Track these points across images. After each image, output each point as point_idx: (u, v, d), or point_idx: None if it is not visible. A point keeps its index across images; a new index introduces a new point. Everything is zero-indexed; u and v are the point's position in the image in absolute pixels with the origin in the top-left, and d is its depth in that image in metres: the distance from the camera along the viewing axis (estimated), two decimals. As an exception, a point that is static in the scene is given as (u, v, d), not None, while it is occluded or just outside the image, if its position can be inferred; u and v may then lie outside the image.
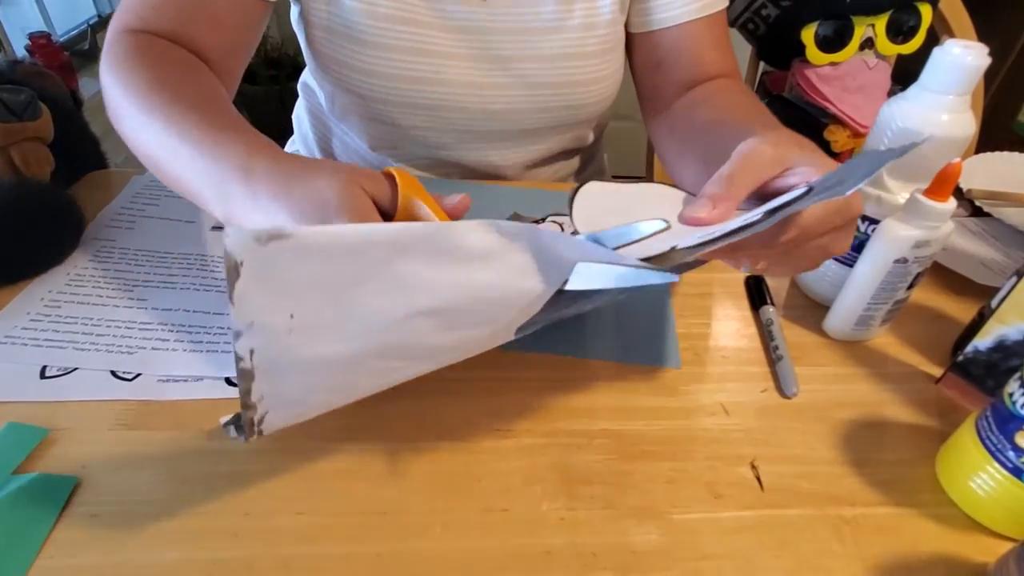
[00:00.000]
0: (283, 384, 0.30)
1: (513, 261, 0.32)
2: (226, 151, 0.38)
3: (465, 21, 0.58)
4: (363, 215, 0.33)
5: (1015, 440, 0.35)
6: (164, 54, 0.48)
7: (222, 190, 0.37)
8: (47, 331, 0.44)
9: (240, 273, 0.26)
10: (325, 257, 0.27)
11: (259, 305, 0.27)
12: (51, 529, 0.34)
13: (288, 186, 0.35)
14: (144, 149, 0.44)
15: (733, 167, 0.36)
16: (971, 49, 0.41)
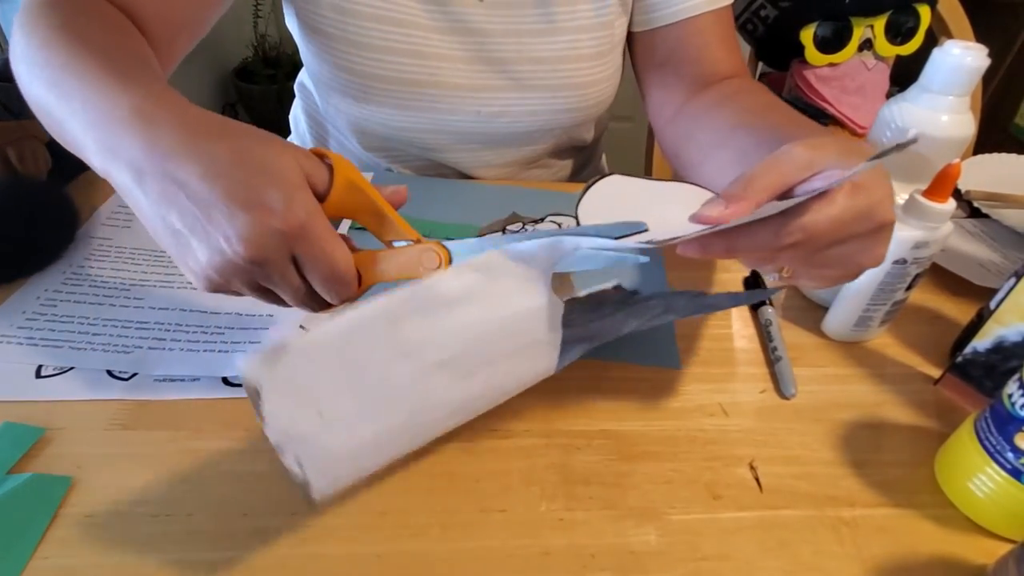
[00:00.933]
0: (336, 475, 0.31)
1: (496, 290, 0.32)
2: (124, 91, 0.32)
3: (460, 23, 0.57)
4: (296, 184, 0.30)
5: (1014, 441, 0.35)
6: (86, 4, 0.42)
7: (110, 134, 0.31)
8: (43, 330, 0.44)
9: (262, 395, 0.27)
10: (329, 352, 0.28)
11: (288, 416, 0.28)
12: (46, 529, 0.34)
13: (202, 141, 0.30)
14: (35, 92, 0.37)
15: (759, 168, 0.33)
16: (971, 50, 0.41)
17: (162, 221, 0.30)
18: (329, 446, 0.30)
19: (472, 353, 0.33)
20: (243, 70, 1.85)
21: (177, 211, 0.29)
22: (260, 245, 0.29)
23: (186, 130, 0.30)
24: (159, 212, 0.30)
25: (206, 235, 0.29)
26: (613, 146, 0.88)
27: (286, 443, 0.28)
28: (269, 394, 0.27)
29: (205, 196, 0.29)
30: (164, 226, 0.30)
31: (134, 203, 0.31)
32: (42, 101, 0.37)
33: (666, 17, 0.59)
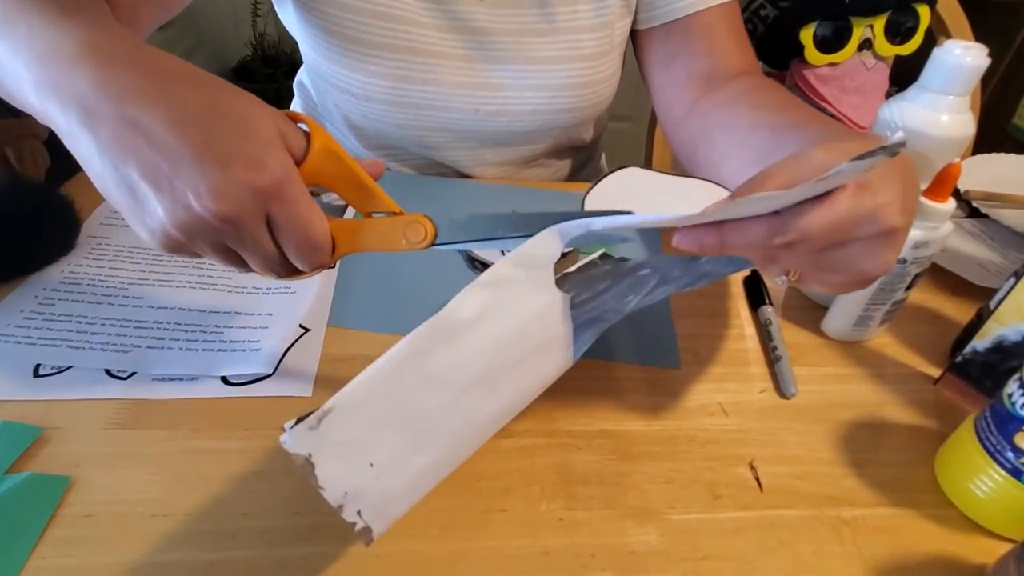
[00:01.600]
0: (393, 514, 0.31)
1: (507, 300, 0.32)
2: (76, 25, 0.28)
3: (460, 21, 0.57)
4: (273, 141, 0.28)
5: (1014, 441, 0.35)
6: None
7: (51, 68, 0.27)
8: (41, 329, 0.44)
9: (314, 463, 0.27)
10: (368, 403, 0.29)
11: (343, 477, 0.28)
12: (44, 529, 0.33)
13: (168, 84, 0.27)
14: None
15: (773, 167, 0.31)
16: (971, 50, 0.41)
17: (114, 171, 0.27)
18: (385, 490, 0.30)
19: (497, 366, 0.33)
20: (242, 68, 1.85)
21: (136, 161, 0.26)
22: (234, 202, 0.26)
23: (150, 71, 0.27)
24: (111, 160, 0.27)
25: (171, 188, 0.26)
26: (612, 146, 0.88)
27: (346, 502, 0.29)
28: (320, 460, 0.27)
29: (172, 145, 0.26)
30: (116, 177, 0.27)
31: (77, 148, 0.28)
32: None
33: (672, 12, 0.58)
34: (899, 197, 0.30)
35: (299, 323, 0.46)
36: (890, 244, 0.31)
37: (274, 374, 0.43)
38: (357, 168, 0.32)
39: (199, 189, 0.26)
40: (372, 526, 0.30)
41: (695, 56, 0.58)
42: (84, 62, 0.27)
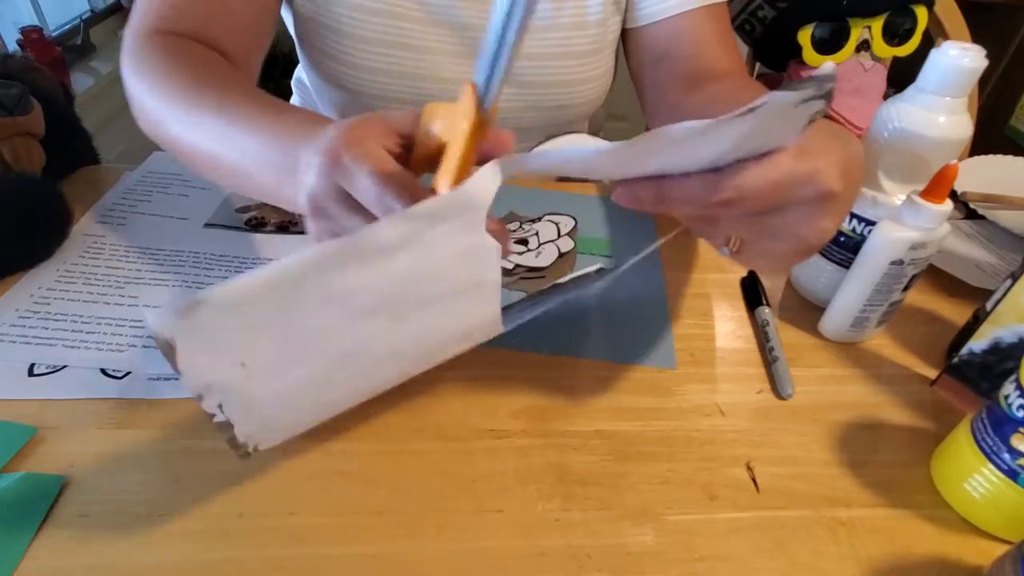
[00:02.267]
0: (263, 419, 0.30)
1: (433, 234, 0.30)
2: (291, 126, 0.36)
3: (453, 17, 0.57)
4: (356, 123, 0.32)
5: (1010, 442, 0.35)
6: (195, 53, 0.48)
7: (287, 165, 0.34)
8: (36, 328, 0.44)
9: (176, 347, 0.27)
10: (249, 305, 0.28)
11: (206, 367, 0.28)
12: (38, 530, 0.33)
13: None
14: (195, 147, 0.42)
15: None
16: (968, 51, 0.41)
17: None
18: (254, 391, 0.29)
19: (407, 297, 0.31)
20: (239, 68, 1.84)
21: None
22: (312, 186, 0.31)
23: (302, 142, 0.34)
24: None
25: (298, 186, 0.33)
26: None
27: (205, 393, 0.28)
28: (184, 348, 0.27)
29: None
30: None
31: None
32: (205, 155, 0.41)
33: (660, 13, 0.58)
34: (839, 163, 0.30)
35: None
36: (828, 210, 0.30)
37: (270, 374, 0.43)
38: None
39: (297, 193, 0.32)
40: (236, 423, 0.30)
41: (681, 58, 0.59)
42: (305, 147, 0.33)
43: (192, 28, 0.49)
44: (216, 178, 0.43)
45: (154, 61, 0.46)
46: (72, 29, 1.59)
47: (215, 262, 0.51)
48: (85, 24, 1.59)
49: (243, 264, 0.51)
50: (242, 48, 0.52)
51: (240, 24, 0.52)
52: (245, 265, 0.51)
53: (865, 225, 0.47)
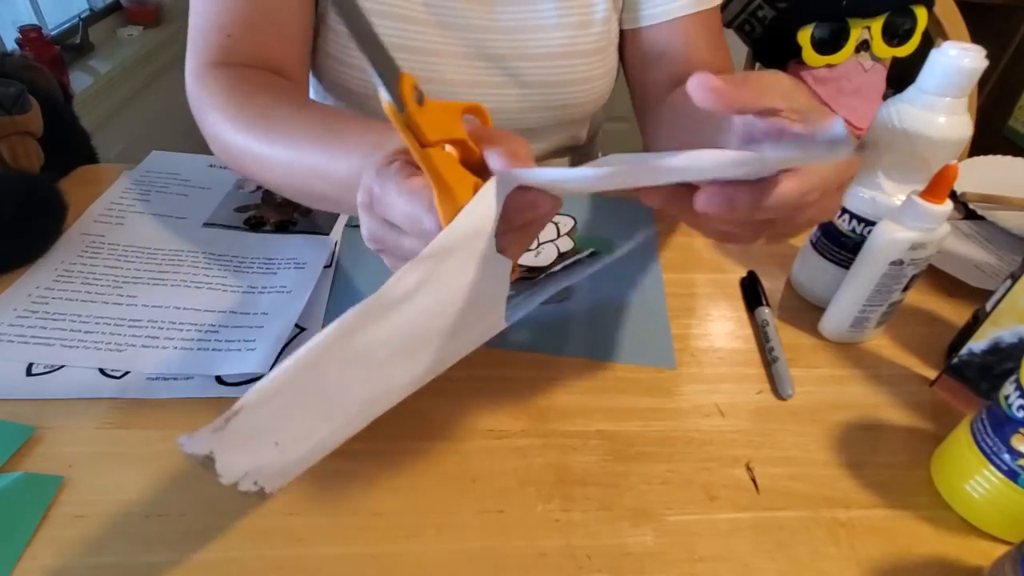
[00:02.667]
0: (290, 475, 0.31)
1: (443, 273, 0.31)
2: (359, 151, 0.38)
3: (459, 19, 0.57)
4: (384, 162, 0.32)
5: (1011, 443, 0.35)
6: (259, 82, 0.49)
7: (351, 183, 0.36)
8: (34, 328, 0.44)
9: (215, 458, 0.27)
10: (281, 394, 0.28)
11: (243, 460, 0.28)
12: (36, 529, 0.33)
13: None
14: (280, 178, 0.45)
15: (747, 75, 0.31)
16: (968, 51, 0.41)
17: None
18: (287, 460, 0.30)
19: (423, 334, 0.32)
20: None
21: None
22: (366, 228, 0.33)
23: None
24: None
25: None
26: (609, 147, 0.88)
27: (243, 479, 0.29)
28: (223, 454, 0.27)
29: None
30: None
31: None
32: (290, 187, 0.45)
33: (653, 16, 0.59)
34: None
35: (295, 322, 0.46)
36: (842, 193, 0.33)
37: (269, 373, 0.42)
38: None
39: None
40: (268, 489, 0.30)
41: (673, 62, 0.60)
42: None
43: (249, 51, 0.51)
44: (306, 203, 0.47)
45: (226, 96, 0.48)
46: (71, 28, 1.58)
47: (214, 261, 0.51)
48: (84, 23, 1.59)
49: (242, 263, 0.51)
50: (296, 59, 0.54)
51: (291, 37, 0.54)
52: (244, 264, 0.51)
53: (865, 225, 0.47)
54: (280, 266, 0.51)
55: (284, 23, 0.53)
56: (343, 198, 0.39)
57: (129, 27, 1.73)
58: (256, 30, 0.51)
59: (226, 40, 0.51)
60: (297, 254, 0.53)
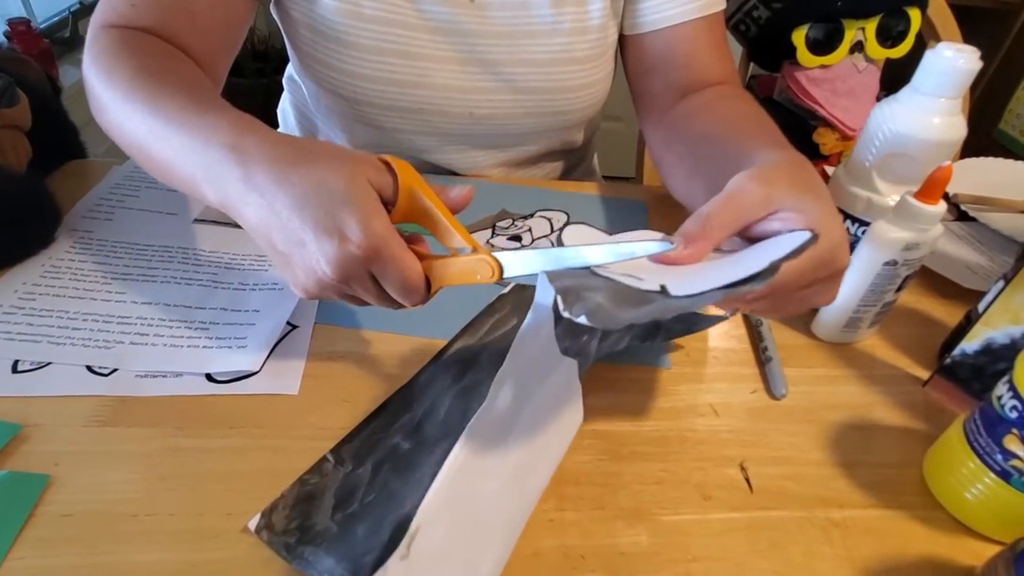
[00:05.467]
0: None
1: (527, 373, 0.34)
2: (215, 130, 0.37)
3: (452, 24, 0.56)
4: (369, 210, 0.33)
5: (1003, 443, 0.35)
6: (146, 46, 0.47)
7: (213, 171, 0.36)
8: (20, 324, 0.43)
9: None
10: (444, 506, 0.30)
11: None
12: (21, 528, 0.33)
13: (287, 171, 0.34)
14: (130, 138, 0.42)
15: (715, 207, 0.34)
16: (963, 52, 0.41)
17: (267, 242, 0.35)
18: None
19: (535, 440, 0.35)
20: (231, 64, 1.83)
21: (279, 236, 0.34)
22: (344, 268, 0.33)
23: (274, 162, 0.34)
24: (265, 234, 0.34)
25: (303, 259, 0.34)
26: (604, 146, 0.88)
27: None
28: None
29: (297, 225, 0.33)
30: (269, 246, 0.35)
31: (245, 225, 0.36)
32: (138, 147, 0.42)
33: (656, 22, 0.58)
34: (845, 238, 0.34)
35: (286, 320, 0.46)
36: (839, 281, 0.35)
37: (260, 371, 0.42)
38: (436, 204, 0.35)
39: (319, 260, 0.33)
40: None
41: (674, 67, 0.59)
42: (230, 164, 0.35)
43: (150, 26, 0.49)
44: (151, 172, 0.43)
45: (104, 52, 0.45)
46: (60, 22, 1.57)
47: (204, 258, 0.51)
48: (73, 17, 1.57)
49: (233, 259, 0.51)
50: (206, 53, 0.51)
51: (203, 27, 0.51)
52: (235, 261, 0.51)
53: (859, 226, 0.47)
54: (272, 263, 0.51)
55: (197, 12, 0.50)
56: (179, 169, 0.39)
57: (120, 22, 1.71)
58: (162, 7, 0.49)
59: (128, 9, 0.48)
60: (289, 251, 0.52)
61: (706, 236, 0.33)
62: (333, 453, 0.36)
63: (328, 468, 0.35)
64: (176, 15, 0.49)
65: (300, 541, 0.31)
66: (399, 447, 0.36)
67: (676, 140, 0.54)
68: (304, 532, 0.32)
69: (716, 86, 0.58)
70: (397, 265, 0.33)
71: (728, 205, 0.34)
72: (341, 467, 0.35)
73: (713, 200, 0.34)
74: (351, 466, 0.35)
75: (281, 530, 0.32)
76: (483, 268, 0.34)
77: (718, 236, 0.33)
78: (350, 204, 0.32)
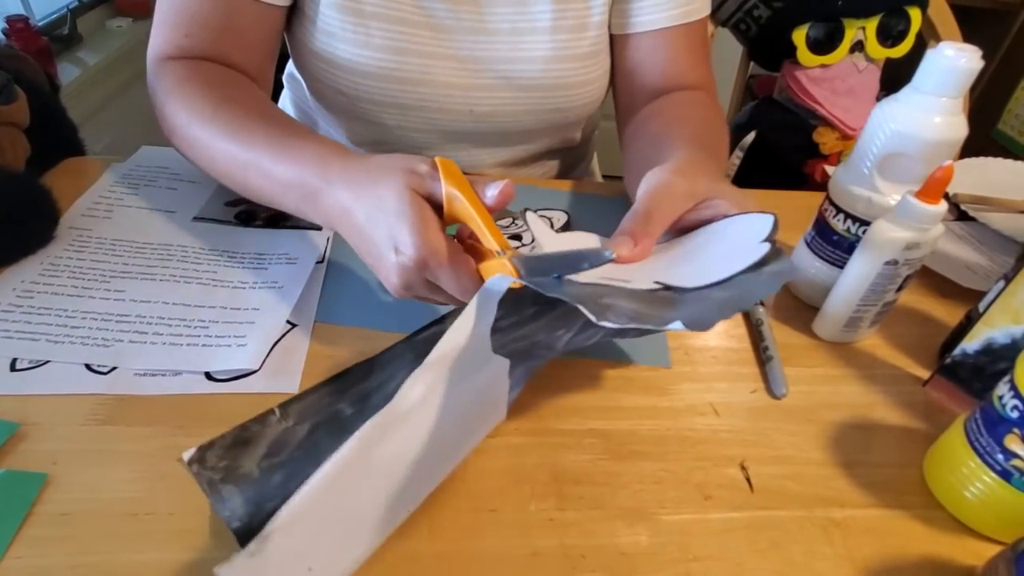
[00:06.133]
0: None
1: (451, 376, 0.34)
2: (304, 160, 0.42)
3: (454, 21, 0.56)
4: (418, 224, 0.36)
5: (1004, 443, 0.35)
6: (215, 76, 0.51)
7: (304, 193, 0.42)
8: (19, 322, 0.43)
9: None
10: (308, 513, 0.30)
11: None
12: (19, 527, 0.32)
13: (358, 194, 0.39)
14: (222, 170, 0.48)
15: (649, 203, 0.39)
16: (964, 52, 0.41)
17: (359, 252, 0.40)
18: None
19: (435, 439, 0.34)
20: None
21: (364, 251, 0.40)
22: (404, 277, 0.37)
23: (350, 184, 0.39)
24: (359, 249, 0.40)
25: (381, 269, 0.39)
26: (603, 146, 0.87)
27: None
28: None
29: (367, 240, 0.38)
30: (361, 255, 0.40)
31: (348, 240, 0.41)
32: (231, 176, 0.47)
33: (640, 25, 0.59)
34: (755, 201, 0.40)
35: (286, 318, 0.46)
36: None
37: (260, 370, 0.42)
38: (476, 209, 0.37)
39: (389, 271, 0.38)
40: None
41: (652, 71, 0.61)
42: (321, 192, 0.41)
43: (206, 52, 0.52)
44: (243, 193, 0.48)
45: (177, 85, 0.50)
46: (59, 19, 1.56)
47: (204, 256, 0.50)
48: (72, 14, 1.57)
49: (232, 258, 0.51)
50: (255, 64, 0.55)
51: (250, 43, 0.55)
52: (235, 259, 0.50)
53: (860, 225, 0.47)
54: (271, 261, 0.51)
55: (243, 28, 0.53)
56: (280, 197, 0.44)
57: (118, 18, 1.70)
58: (214, 32, 0.52)
59: (183, 40, 0.52)
60: (289, 249, 0.52)
61: (648, 232, 0.38)
62: (281, 408, 0.36)
63: (272, 420, 0.35)
64: (226, 37, 0.53)
65: (223, 480, 0.32)
66: (342, 412, 0.37)
67: (634, 138, 0.57)
68: (229, 472, 0.32)
69: (686, 90, 0.60)
70: (448, 272, 0.37)
71: (658, 202, 0.39)
72: (284, 422, 0.36)
73: (643, 198, 0.39)
74: (292, 422, 0.36)
75: (210, 467, 0.32)
76: (509, 271, 0.36)
77: (658, 230, 0.38)
78: (402, 221, 0.36)
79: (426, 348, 0.39)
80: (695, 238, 0.41)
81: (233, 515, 0.31)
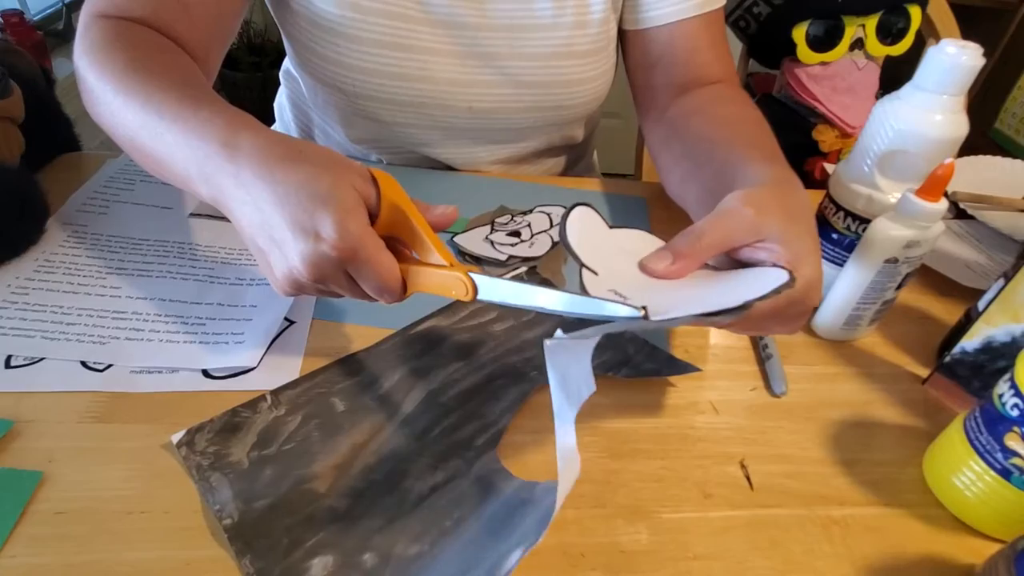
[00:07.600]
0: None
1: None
2: (209, 126, 0.37)
3: (453, 16, 0.56)
4: (347, 212, 0.32)
5: (1004, 441, 0.35)
6: (139, 37, 0.46)
7: (206, 167, 0.36)
8: (13, 319, 0.42)
9: None
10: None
11: None
12: (14, 526, 0.32)
13: (274, 169, 0.34)
14: (123, 131, 0.42)
15: (706, 225, 0.35)
16: (966, 49, 0.41)
17: (251, 238, 0.35)
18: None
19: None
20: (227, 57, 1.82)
21: (260, 233, 0.34)
22: (318, 267, 0.33)
23: (263, 159, 0.34)
24: (248, 231, 0.35)
25: (280, 255, 0.34)
26: (603, 144, 0.87)
27: None
28: None
29: (276, 222, 0.33)
30: (252, 243, 0.35)
31: (233, 221, 0.36)
32: (131, 141, 0.41)
33: (657, 18, 0.58)
34: (820, 279, 0.35)
35: (284, 315, 0.45)
36: (806, 316, 0.36)
37: (257, 367, 0.42)
38: (417, 220, 0.36)
39: (293, 258, 0.33)
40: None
41: (674, 64, 0.59)
42: (222, 161, 0.35)
43: (142, 16, 0.48)
44: (143, 164, 0.43)
45: (97, 43, 0.45)
46: (54, 14, 1.55)
47: (201, 252, 0.50)
48: (67, 9, 1.56)
49: (230, 255, 0.50)
50: (201, 43, 0.50)
51: (196, 17, 0.50)
52: (232, 256, 0.50)
53: (860, 223, 0.47)
54: (269, 258, 0.50)
55: (190, 2, 0.49)
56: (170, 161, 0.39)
57: (114, 14, 1.69)
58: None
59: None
60: (286, 246, 0.52)
61: (694, 255, 0.35)
62: (273, 394, 0.36)
63: (263, 407, 0.35)
64: (169, 5, 0.49)
65: (212, 466, 0.32)
66: (334, 406, 0.36)
67: (673, 139, 0.55)
68: (218, 459, 0.32)
69: (715, 84, 0.58)
70: (373, 267, 0.34)
71: (719, 227, 0.35)
72: (275, 409, 0.36)
73: (706, 219, 0.36)
74: (284, 410, 0.35)
75: (199, 451, 0.32)
76: (459, 286, 0.34)
77: (705, 255, 0.35)
78: (329, 205, 0.32)
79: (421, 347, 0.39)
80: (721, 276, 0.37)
81: (224, 510, 0.30)
